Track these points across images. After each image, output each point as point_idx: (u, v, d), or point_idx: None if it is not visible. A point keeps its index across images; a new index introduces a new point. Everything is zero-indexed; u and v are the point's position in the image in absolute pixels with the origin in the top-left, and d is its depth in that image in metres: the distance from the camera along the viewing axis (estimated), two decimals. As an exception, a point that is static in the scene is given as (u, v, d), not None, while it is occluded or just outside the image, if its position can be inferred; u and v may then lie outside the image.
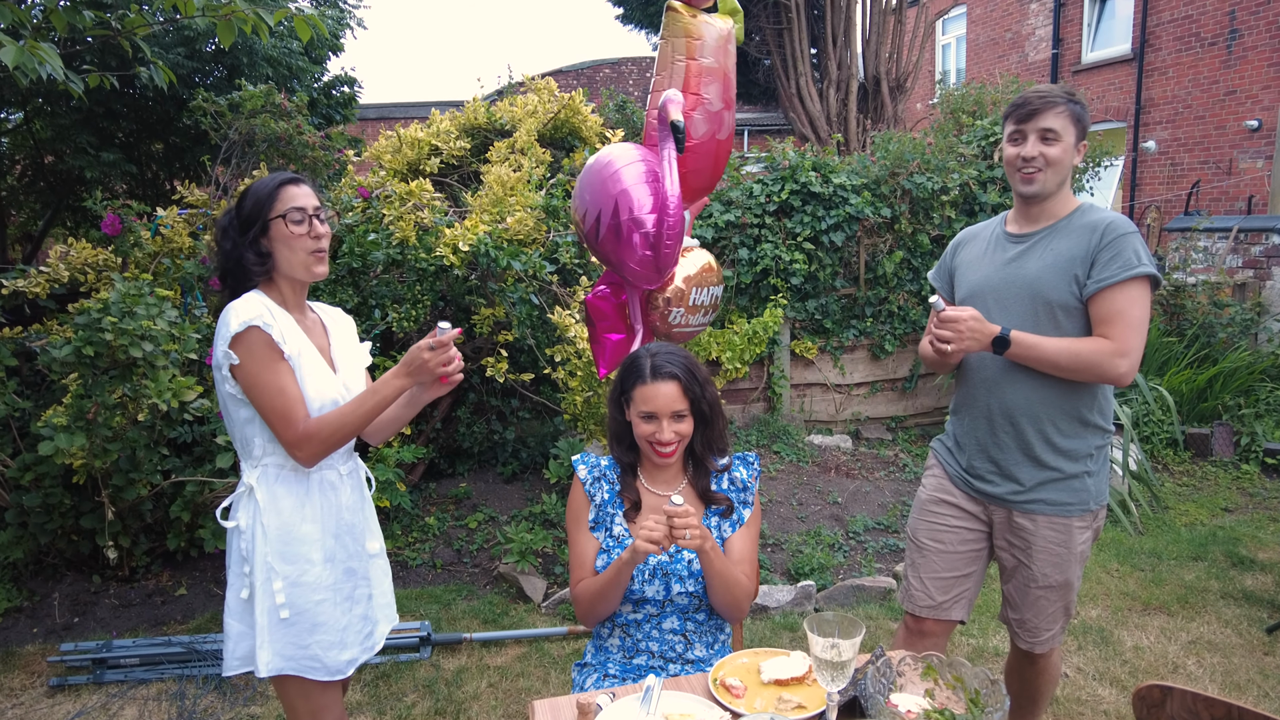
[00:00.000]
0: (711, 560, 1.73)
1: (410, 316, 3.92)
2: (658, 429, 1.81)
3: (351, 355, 1.98)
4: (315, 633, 1.81)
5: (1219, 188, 9.96)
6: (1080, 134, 2.01)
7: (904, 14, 9.27)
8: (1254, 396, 5.61)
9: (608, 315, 2.77)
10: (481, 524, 4.28)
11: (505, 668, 3.19)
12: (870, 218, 5.38)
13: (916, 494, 2.32)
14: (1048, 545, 2.07)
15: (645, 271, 2.50)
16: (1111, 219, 1.98)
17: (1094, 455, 2.07)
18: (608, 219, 2.41)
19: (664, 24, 2.51)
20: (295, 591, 1.79)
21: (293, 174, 1.88)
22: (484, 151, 4.90)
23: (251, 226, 1.82)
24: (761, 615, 3.57)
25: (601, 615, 1.82)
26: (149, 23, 3.39)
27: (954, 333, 1.92)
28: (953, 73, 14.83)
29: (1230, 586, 3.72)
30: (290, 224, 1.80)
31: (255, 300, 1.78)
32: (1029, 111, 1.99)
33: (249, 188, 1.86)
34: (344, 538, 1.88)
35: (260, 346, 1.72)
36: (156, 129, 6.52)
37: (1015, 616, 2.19)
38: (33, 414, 3.52)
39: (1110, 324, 1.93)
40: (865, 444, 5.49)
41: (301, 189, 1.84)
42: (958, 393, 2.23)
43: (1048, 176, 2.00)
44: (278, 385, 1.73)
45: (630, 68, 15.28)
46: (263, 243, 1.82)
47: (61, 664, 3.14)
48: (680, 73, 2.52)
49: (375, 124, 11.32)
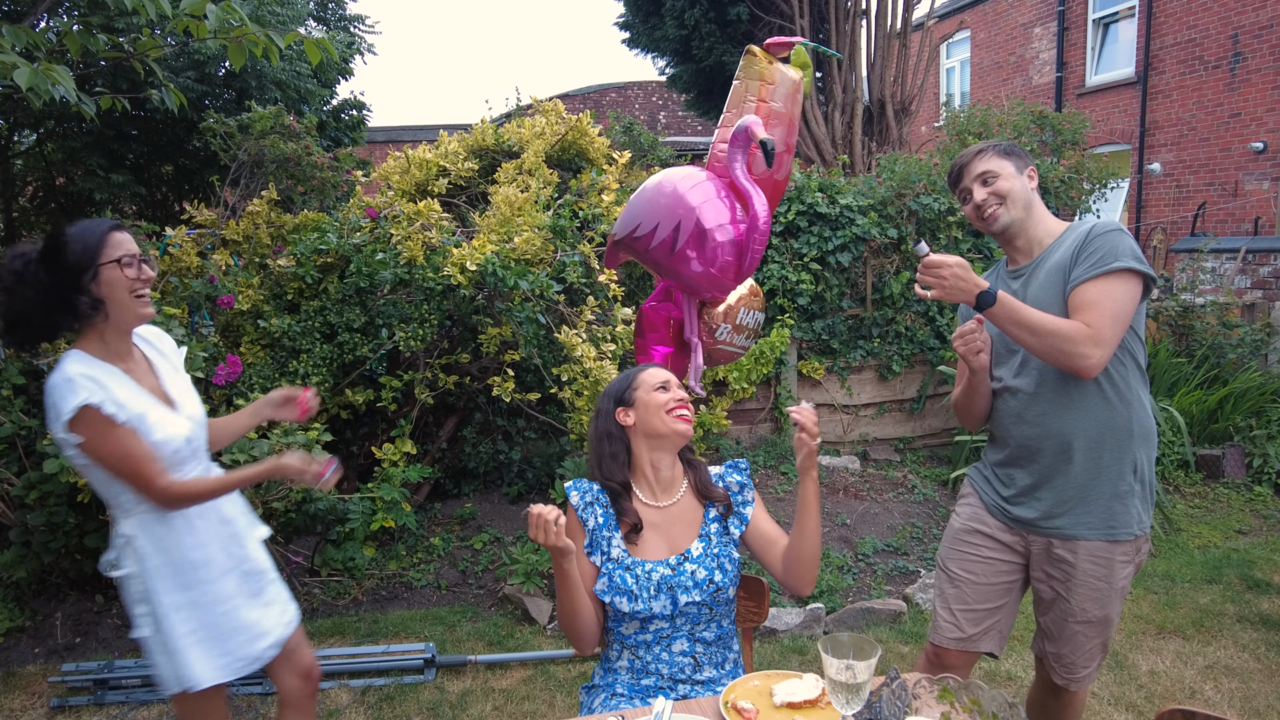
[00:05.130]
0: (809, 488, 1.77)
1: (417, 336, 3.92)
2: (675, 393, 1.87)
3: (180, 381, 2.02)
4: (234, 637, 1.94)
5: (1225, 209, 9.95)
6: (1020, 164, 2.06)
7: (908, 38, 9.33)
8: (1265, 418, 5.56)
9: (658, 327, 2.86)
10: (487, 545, 4.24)
11: (511, 690, 3.15)
12: (877, 238, 5.38)
13: (949, 523, 2.26)
14: (1088, 579, 2.00)
15: (724, 279, 2.60)
16: (1097, 222, 1.97)
17: (1137, 468, 1.99)
18: (690, 229, 2.50)
19: (741, 65, 2.66)
20: (200, 613, 1.90)
21: (113, 220, 1.88)
22: (492, 172, 4.92)
23: (82, 273, 1.77)
24: (770, 638, 3.53)
25: (582, 632, 1.78)
26: (161, 46, 3.42)
27: (936, 278, 1.90)
28: (957, 96, 14.91)
29: (1246, 610, 3.66)
30: (124, 268, 1.80)
31: (78, 370, 1.75)
32: (959, 170, 2.10)
33: (68, 236, 1.80)
34: (231, 545, 1.98)
35: (97, 424, 1.74)
36: (166, 151, 6.59)
37: (1051, 650, 2.12)
38: (39, 432, 3.52)
39: (1084, 310, 1.86)
40: (873, 465, 5.45)
41: (125, 235, 1.84)
42: (991, 420, 2.17)
43: (1006, 208, 2.03)
44: (124, 452, 1.77)
45: (636, 91, 15.41)
46: (93, 289, 1.78)
47: (63, 685, 3.12)
48: (750, 112, 2.65)
49: (384, 146, 11.42)
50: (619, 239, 2.70)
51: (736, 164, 2.57)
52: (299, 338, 3.96)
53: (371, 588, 3.95)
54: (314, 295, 4.12)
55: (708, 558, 1.81)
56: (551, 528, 1.63)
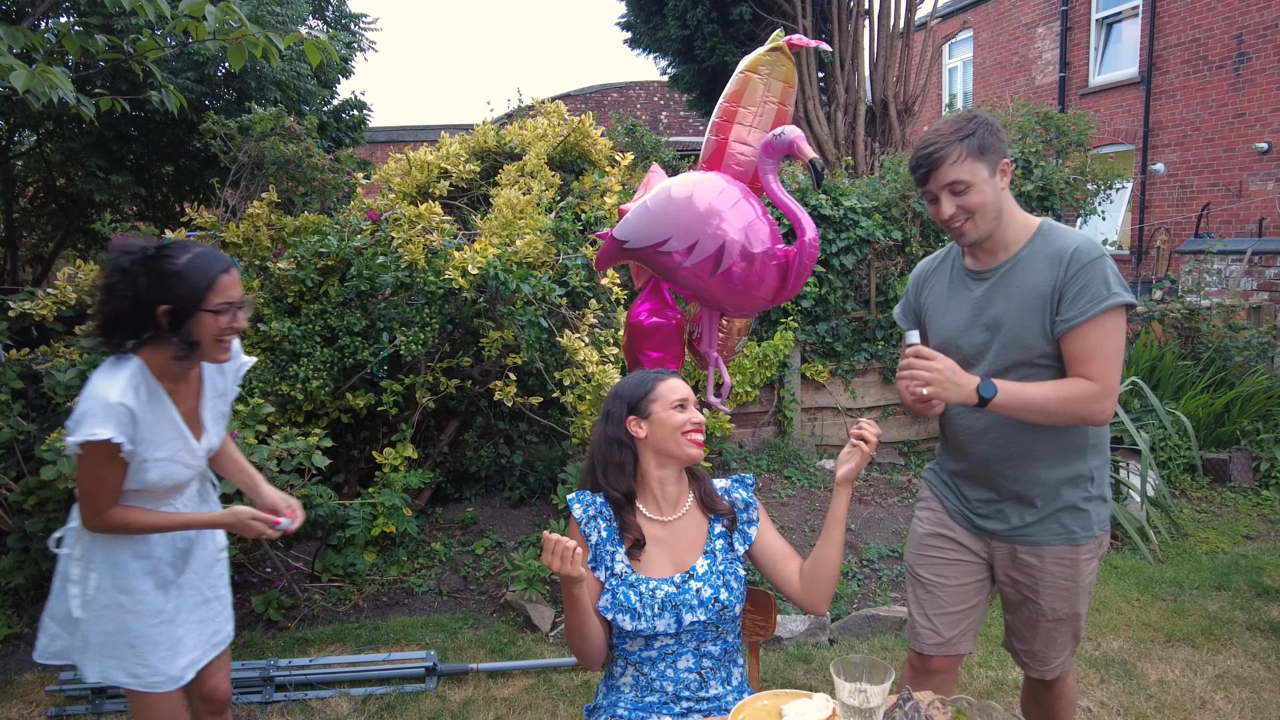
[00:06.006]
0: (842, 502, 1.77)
1: (418, 339, 3.89)
2: (691, 414, 1.82)
3: (222, 405, 2.03)
4: (155, 651, 1.90)
5: (1229, 210, 9.91)
6: (993, 161, 1.85)
7: (911, 38, 9.29)
8: (1272, 421, 5.52)
9: (651, 336, 2.75)
10: (489, 550, 4.21)
11: (513, 700, 3.11)
12: (881, 240, 5.34)
13: (912, 527, 2.24)
14: (1055, 581, 2.00)
15: (765, 301, 2.50)
16: (1075, 245, 1.84)
17: (1094, 478, 1.98)
18: (735, 252, 2.35)
19: (765, 61, 2.50)
20: (130, 618, 1.88)
21: (226, 259, 1.85)
22: (493, 174, 4.89)
23: (184, 314, 1.78)
24: (774, 646, 3.49)
25: (590, 654, 1.76)
26: (160, 47, 3.39)
27: (930, 371, 1.77)
28: (960, 96, 14.87)
29: (1256, 617, 3.62)
30: (219, 315, 1.81)
31: (123, 396, 1.75)
32: (927, 170, 1.85)
33: (183, 267, 1.78)
34: (179, 563, 1.96)
35: (102, 453, 1.76)
36: (167, 152, 6.56)
37: (1024, 648, 2.14)
38: (37, 437, 3.48)
39: (1087, 362, 1.81)
40: (877, 469, 5.42)
41: (233, 277, 1.83)
42: (943, 429, 2.15)
43: (977, 222, 1.87)
44: (98, 479, 1.79)
45: (638, 91, 15.37)
46: (189, 329, 1.79)
47: (60, 693, 3.08)
48: (770, 115, 2.53)
49: (385, 147, 11.39)
50: (634, 248, 2.52)
51: (772, 178, 2.45)
52: (299, 341, 3.92)
53: (372, 593, 3.91)
54: (314, 298, 4.08)
55: (713, 575, 1.77)
56: (569, 556, 1.59)
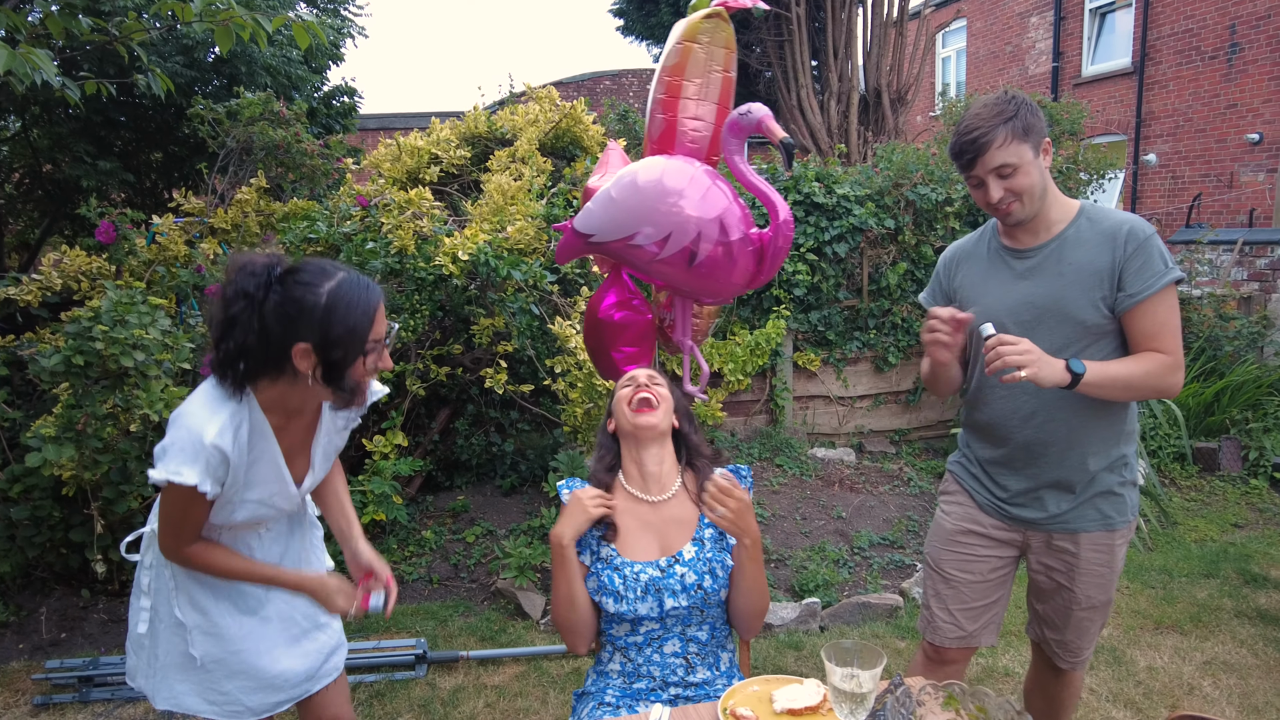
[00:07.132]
0: (745, 560, 1.72)
1: (409, 326, 3.86)
2: (636, 389, 1.85)
3: (336, 440, 1.81)
4: (234, 679, 1.71)
5: (1220, 201, 9.93)
6: (1036, 142, 1.85)
7: (904, 27, 9.27)
8: (1262, 410, 5.55)
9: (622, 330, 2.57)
10: (479, 538, 4.20)
11: (503, 687, 3.11)
12: (874, 229, 5.33)
13: (936, 520, 2.20)
14: (1091, 567, 2.00)
15: (741, 286, 2.38)
16: (1129, 224, 1.88)
17: (1129, 463, 2.01)
18: (711, 242, 2.22)
19: (704, 29, 2.33)
20: (207, 641, 1.69)
21: (376, 287, 1.58)
22: (484, 160, 4.86)
23: (340, 363, 1.50)
24: (765, 633, 3.49)
25: (577, 627, 1.75)
26: (146, 29, 3.34)
27: (1024, 354, 1.74)
28: (953, 85, 14.85)
29: (1244, 605, 3.65)
30: (368, 355, 1.55)
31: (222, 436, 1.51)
32: (971, 160, 1.86)
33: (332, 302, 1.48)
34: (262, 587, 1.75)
35: (185, 495, 1.53)
36: (155, 138, 6.48)
37: (1054, 637, 2.11)
38: (23, 424, 3.45)
39: (1158, 337, 1.85)
40: (869, 457, 5.42)
41: (382, 307, 1.58)
42: (975, 416, 2.10)
43: (1024, 204, 1.88)
44: (182, 514, 1.59)
45: (631, 79, 15.28)
46: (348, 377, 1.52)
47: (47, 682, 3.06)
48: (717, 85, 2.38)
49: (375, 134, 11.30)
50: (600, 242, 2.30)
51: (739, 159, 2.32)
52: (288, 328, 3.89)
53: (363, 582, 3.90)
54: (304, 285, 4.04)
55: (699, 562, 1.76)
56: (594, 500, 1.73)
